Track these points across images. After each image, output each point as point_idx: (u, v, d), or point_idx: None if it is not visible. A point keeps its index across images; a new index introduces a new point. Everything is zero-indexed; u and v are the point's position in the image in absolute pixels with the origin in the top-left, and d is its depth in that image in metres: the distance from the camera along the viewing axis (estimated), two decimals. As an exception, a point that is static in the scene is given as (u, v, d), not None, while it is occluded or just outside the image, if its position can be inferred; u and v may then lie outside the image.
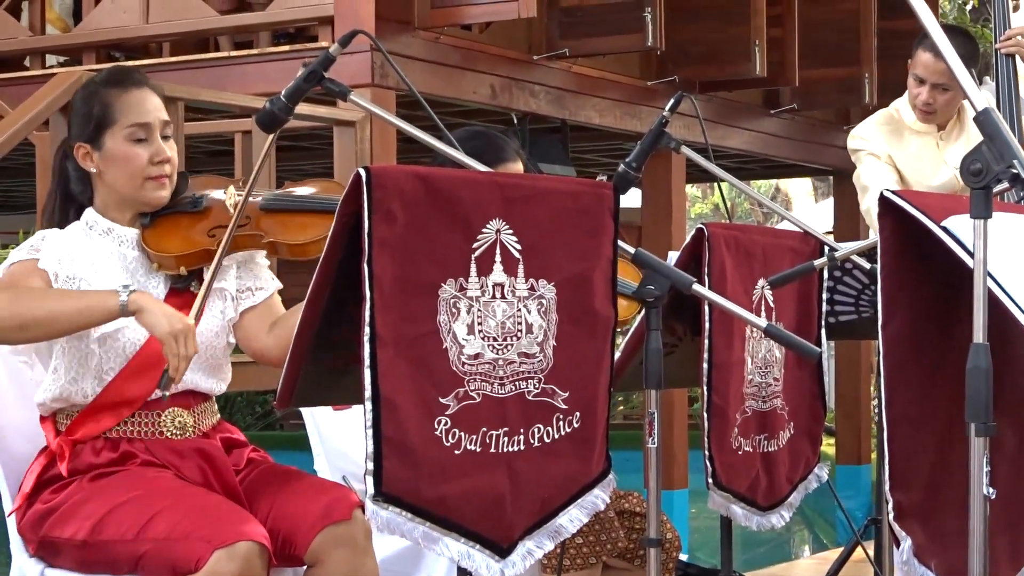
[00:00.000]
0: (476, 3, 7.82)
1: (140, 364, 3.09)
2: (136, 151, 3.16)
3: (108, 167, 3.17)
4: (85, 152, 3.18)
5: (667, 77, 9.66)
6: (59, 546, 3.02)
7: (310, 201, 3.23)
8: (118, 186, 3.18)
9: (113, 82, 3.21)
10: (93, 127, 3.17)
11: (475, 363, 2.52)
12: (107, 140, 3.16)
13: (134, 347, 3.09)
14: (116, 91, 3.18)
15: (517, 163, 3.81)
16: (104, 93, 3.19)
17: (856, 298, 4.10)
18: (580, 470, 2.71)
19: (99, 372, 3.09)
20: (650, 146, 3.43)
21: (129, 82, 3.21)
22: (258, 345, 3.24)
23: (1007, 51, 5.18)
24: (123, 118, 3.16)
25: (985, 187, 2.23)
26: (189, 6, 8.27)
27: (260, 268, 3.31)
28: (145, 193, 3.18)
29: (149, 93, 3.21)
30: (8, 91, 8.09)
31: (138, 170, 3.16)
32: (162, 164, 3.18)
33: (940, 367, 2.61)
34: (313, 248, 3.12)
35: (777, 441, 3.54)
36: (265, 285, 3.29)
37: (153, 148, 3.17)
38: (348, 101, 2.84)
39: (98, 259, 3.15)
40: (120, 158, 3.16)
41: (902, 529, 2.63)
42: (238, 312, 3.24)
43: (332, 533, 2.97)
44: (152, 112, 3.19)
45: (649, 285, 2.71)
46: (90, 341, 3.08)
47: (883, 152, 4.96)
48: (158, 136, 3.18)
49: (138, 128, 3.16)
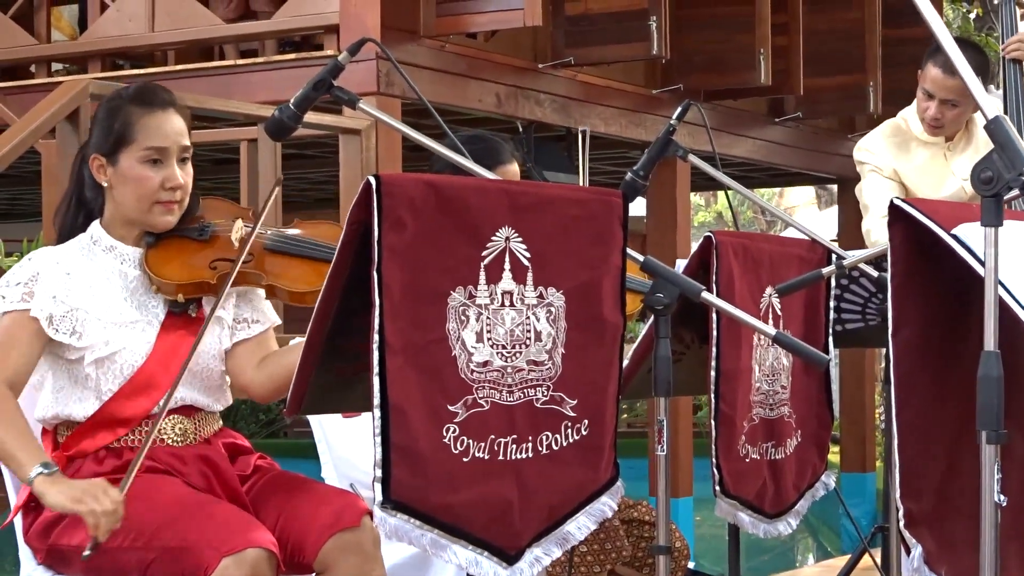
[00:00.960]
0: (481, 11, 7.82)
1: (138, 384, 3.09)
2: (148, 174, 3.14)
3: (119, 185, 3.16)
4: (100, 165, 3.18)
5: (672, 86, 9.66)
6: (67, 554, 3.01)
7: (316, 248, 3.21)
8: (126, 205, 3.17)
9: (140, 100, 3.17)
10: (112, 142, 3.15)
11: (484, 371, 2.52)
12: (123, 158, 3.15)
13: (132, 368, 3.09)
14: (140, 110, 3.16)
15: (513, 165, 3.81)
16: (128, 110, 3.16)
17: (863, 306, 4.09)
18: (588, 477, 2.71)
19: (98, 392, 3.09)
20: (658, 154, 3.43)
21: (156, 102, 3.17)
22: (244, 379, 3.23)
23: (1012, 56, 5.18)
24: (142, 139, 3.14)
25: (996, 195, 2.23)
26: (195, 14, 8.27)
27: (259, 301, 3.30)
28: (152, 217, 3.17)
29: (174, 115, 3.19)
30: (14, 99, 8.10)
31: (148, 193, 3.14)
32: (173, 191, 3.16)
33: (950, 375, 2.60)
34: (311, 298, 3.06)
35: (784, 449, 3.54)
36: (262, 319, 3.28)
37: (166, 173, 3.15)
38: (357, 109, 2.85)
39: (97, 281, 3.14)
40: (132, 179, 3.14)
41: (913, 537, 2.62)
42: (232, 341, 3.23)
43: (341, 540, 2.97)
44: (171, 136, 3.16)
45: (658, 293, 2.71)
46: (85, 365, 3.08)
47: (888, 166, 4.95)
48: (174, 161, 3.16)
49: (154, 151, 3.14)
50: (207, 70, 8.23)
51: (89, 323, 3.08)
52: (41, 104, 6.12)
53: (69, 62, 9.01)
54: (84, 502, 2.84)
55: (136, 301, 3.15)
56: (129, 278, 3.17)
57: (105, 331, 3.09)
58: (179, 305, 3.17)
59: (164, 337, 3.13)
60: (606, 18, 8.63)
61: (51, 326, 3.05)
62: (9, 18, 8.96)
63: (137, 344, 3.10)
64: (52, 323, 3.06)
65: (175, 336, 3.14)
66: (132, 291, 3.16)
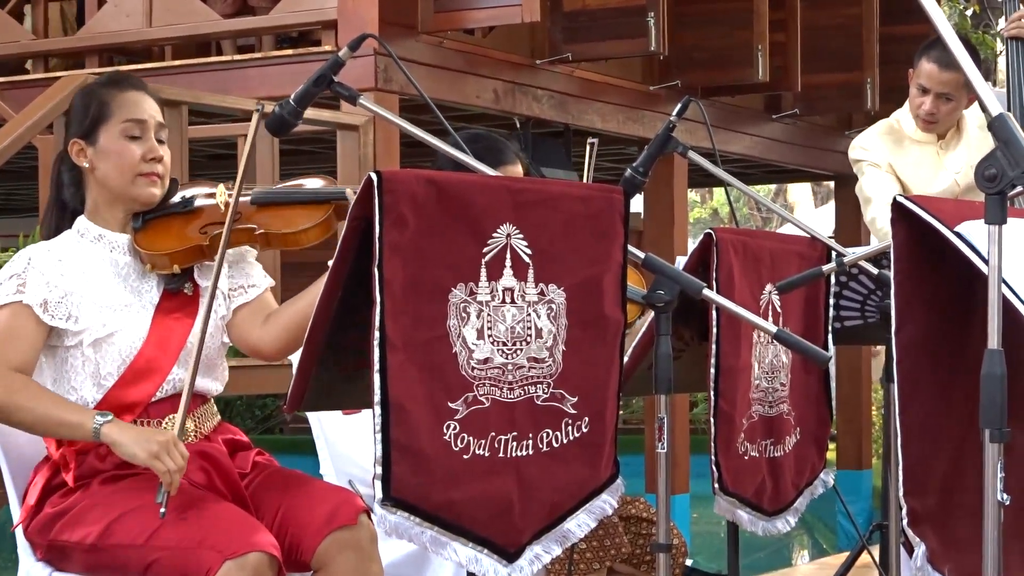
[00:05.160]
0: (479, 7, 7.82)
1: (139, 369, 3.09)
2: (130, 147, 3.17)
3: (101, 162, 3.18)
4: (79, 148, 3.20)
5: (670, 82, 9.66)
6: (68, 550, 3.01)
7: (299, 193, 3.24)
8: (109, 181, 3.18)
9: (111, 83, 3.25)
10: (89, 123, 3.19)
11: (484, 368, 2.52)
12: (102, 135, 3.18)
13: (131, 351, 3.09)
14: (114, 90, 3.22)
15: (517, 166, 3.80)
16: (102, 92, 3.22)
17: (862, 303, 4.09)
18: (589, 475, 2.70)
19: (97, 378, 3.09)
20: (657, 151, 3.41)
21: (127, 84, 3.25)
22: (252, 339, 3.23)
23: (1012, 34, 5.18)
24: (119, 113, 3.18)
25: (1000, 192, 2.23)
26: (192, 10, 8.26)
27: (252, 266, 3.31)
28: (136, 189, 3.18)
29: (146, 96, 3.24)
30: (11, 94, 8.09)
31: (130, 165, 3.17)
32: (154, 162, 3.19)
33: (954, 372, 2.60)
34: (304, 236, 3.14)
35: (783, 446, 3.54)
36: (257, 282, 3.29)
37: (147, 146, 3.18)
38: (358, 105, 2.84)
39: (89, 267, 3.15)
40: (113, 152, 3.17)
41: (916, 535, 2.62)
42: (230, 310, 3.24)
43: (338, 538, 2.97)
44: (148, 111, 3.21)
45: (659, 290, 2.70)
46: (84, 347, 3.08)
47: (884, 161, 4.97)
48: (152, 136, 3.20)
49: (133, 124, 3.18)
50: (204, 66, 8.22)
51: (84, 306, 3.09)
52: (38, 100, 6.13)
53: (66, 57, 8.99)
54: (161, 459, 2.90)
55: (129, 286, 3.16)
56: (120, 264, 3.18)
57: (101, 314, 3.09)
58: (175, 281, 3.17)
59: (160, 320, 3.13)
60: (604, 14, 8.62)
61: (46, 312, 3.05)
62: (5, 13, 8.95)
63: (133, 327, 3.10)
64: (47, 309, 3.06)
65: (171, 319, 3.14)
66: (124, 277, 3.17)
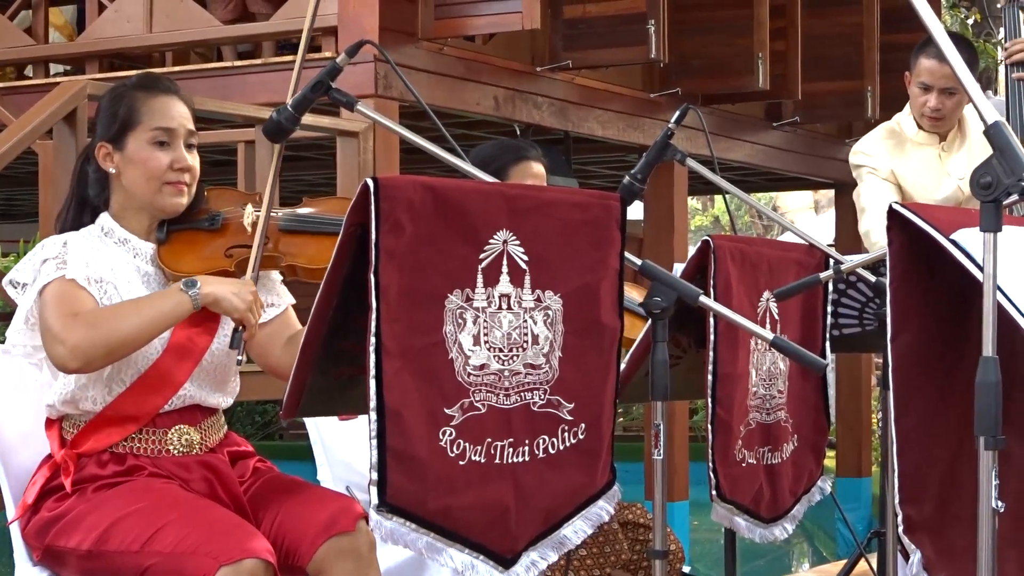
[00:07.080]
0: (480, 14, 7.82)
1: (151, 381, 3.08)
2: (157, 155, 3.14)
3: (127, 169, 3.15)
4: (107, 152, 3.17)
5: (670, 89, 9.66)
6: (64, 555, 3.01)
7: (330, 224, 3.20)
8: (136, 189, 3.16)
9: (143, 86, 3.20)
10: (117, 127, 3.15)
11: (480, 374, 2.52)
12: (130, 141, 3.15)
13: (147, 361, 3.07)
14: (144, 94, 3.17)
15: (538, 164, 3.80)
16: (132, 95, 3.18)
17: (860, 311, 4.09)
18: (585, 481, 2.70)
19: (109, 381, 3.07)
20: (656, 158, 3.42)
21: (158, 88, 3.20)
22: (272, 360, 3.23)
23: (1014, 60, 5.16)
24: (148, 120, 3.15)
25: (995, 200, 2.23)
26: (192, 16, 8.27)
27: (274, 284, 3.30)
28: (162, 198, 3.16)
29: (177, 101, 3.20)
30: (11, 100, 8.09)
31: (157, 174, 3.14)
32: (182, 172, 3.16)
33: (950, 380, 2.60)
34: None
35: (781, 453, 3.53)
36: (278, 301, 3.28)
37: (175, 154, 3.15)
38: (355, 111, 2.84)
39: (116, 265, 3.13)
40: (140, 160, 3.14)
41: (912, 542, 2.62)
42: None
43: (336, 544, 2.96)
44: (177, 119, 3.17)
45: (656, 297, 2.70)
46: None
47: (885, 167, 4.95)
48: (181, 144, 3.16)
49: (162, 132, 3.15)
50: (204, 71, 8.23)
51: (115, 298, 3.07)
52: (38, 105, 6.12)
53: (66, 63, 9.00)
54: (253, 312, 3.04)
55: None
56: (142, 272, 3.16)
57: None
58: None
59: (179, 333, 3.10)
60: (604, 21, 8.63)
61: (90, 287, 3.04)
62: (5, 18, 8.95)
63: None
64: (90, 285, 3.04)
65: (192, 332, 3.11)
66: (147, 284, 3.15)
